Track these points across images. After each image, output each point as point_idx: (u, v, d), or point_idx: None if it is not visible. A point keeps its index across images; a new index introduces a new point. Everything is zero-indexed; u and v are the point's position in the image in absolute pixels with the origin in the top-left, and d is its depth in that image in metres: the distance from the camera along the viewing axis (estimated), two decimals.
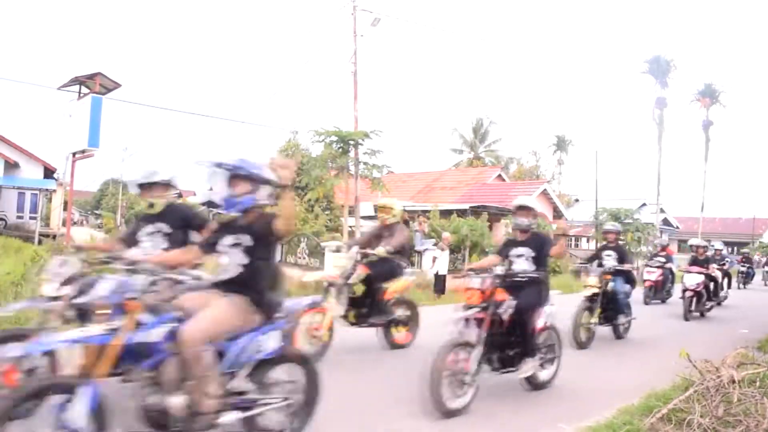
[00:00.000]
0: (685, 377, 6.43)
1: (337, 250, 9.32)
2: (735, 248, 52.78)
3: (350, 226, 18.08)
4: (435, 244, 17.43)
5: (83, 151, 10.16)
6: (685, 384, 6.32)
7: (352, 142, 16.85)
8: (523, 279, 6.22)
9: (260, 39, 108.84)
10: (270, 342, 3.98)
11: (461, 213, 22.22)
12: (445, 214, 22.92)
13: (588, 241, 37.70)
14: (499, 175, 35.66)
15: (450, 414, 5.25)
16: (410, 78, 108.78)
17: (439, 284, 15.10)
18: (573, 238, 36.89)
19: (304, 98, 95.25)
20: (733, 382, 5.49)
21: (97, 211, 52.19)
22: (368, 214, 23.67)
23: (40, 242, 20.83)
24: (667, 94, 42.33)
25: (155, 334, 3.51)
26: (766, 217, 59.81)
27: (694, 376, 6.18)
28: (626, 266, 10.19)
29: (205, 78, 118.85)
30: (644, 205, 41.16)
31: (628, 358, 9.00)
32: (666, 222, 43.89)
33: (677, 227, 46.96)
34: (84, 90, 10.86)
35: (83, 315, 3.64)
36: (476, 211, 22.87)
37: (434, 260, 15.42)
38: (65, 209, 12.05)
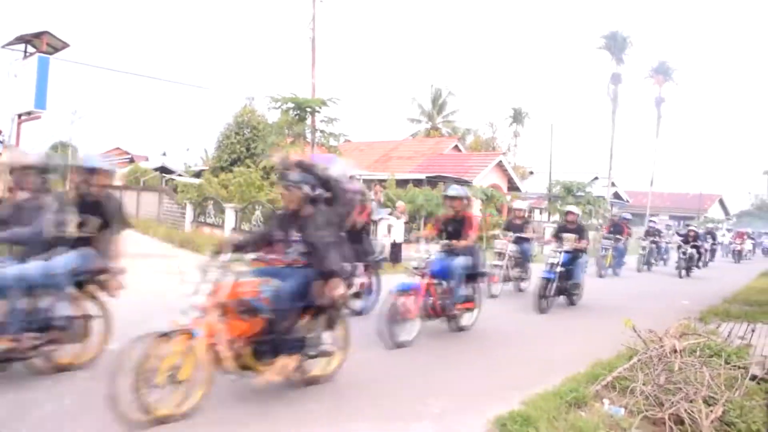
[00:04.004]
0: (629, 347, 6.64)
1: None
2: (681, 222, 54.24)
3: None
4: (390, 213, 17.48)
5: (29, 113, 9.79)
6: (629, 353, 6.52)
7: (309, 110, 16.69)
8: None
9: (218, 1, 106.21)
10: None
11: (417, 183, 22.32)
12: (402, 183, 22.98)
13: (541, 213, 38.31)
14: (456, 146, 35.76)
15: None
16: (369, 46, 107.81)
17: (395, 253, 15.19)
18: (527, 210, 37.39)
19: (261, 63, 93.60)
20: (675, 351, 5.69)
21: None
22: None
23: None
24: (623, 71, 43.00)
25: None
26: (712, 193, 61.58)
27: (638, 346, 6.38)
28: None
29: (159, 40, 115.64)
30: (596, 178, 41.92)
31: (576, 329, 9.23)
32: (617, 196, 44.78)
33: (627, 201, 47.98)
34: (30, 49, 10.42)
35: None
36: (432, 181, 22.98)
37: (389, 229, 15.49)
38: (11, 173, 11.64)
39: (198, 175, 27.77)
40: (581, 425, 4.67)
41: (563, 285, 10.51)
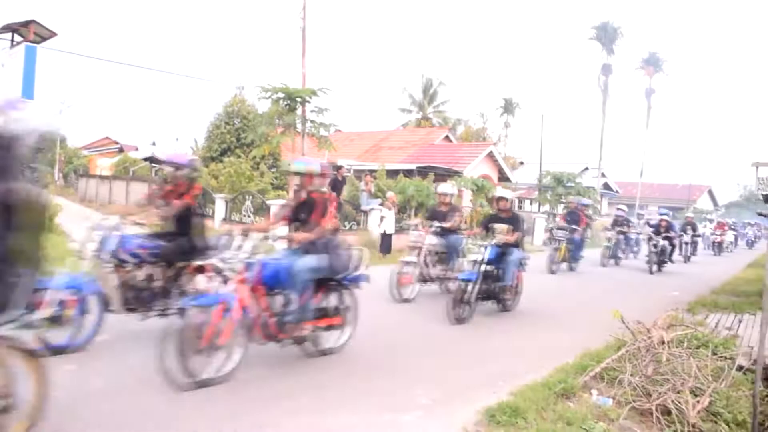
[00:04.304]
0: (618, 338, 6.70)
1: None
2: (671, 213, 54.19)
3: (296, 185, 17.95)
4: (381, 204, 17.48)
5: None
6: (618, 344, 6.58)
7: (299, 100, 16.63)
8: None
9: None
10: None
11: (408, 173, 22.31)
12: (392, 174, 22.96)
13: (531, 203, 38.42)
14: (447, 137, 35.72)
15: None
16: (361, 35, 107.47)
17: (386, 243, 15.19)
18: (517, 200, 37.47)
19: (251, 53, 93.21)
20: (663, 342, 5.75)
21: (33, 165, 50.24)
22: None
23: None
24: (613, 61, 43.04)
25: None
26: (702, 184, 61.90)
27: (626, 337, 6.44)
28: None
29: (148, 29, 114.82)
30: (586, 169, 42.06)
31: (565, 319, 9.26)
32: (606, 186, 44.91)
33: (617, 191, 48.17)
34: (17, 38, 10.34)
35: None
36: (423, 172, 22.97)
37: (382, 219, 15.49)
38: None
39: None
40: (569, 416, 4.71)
41: (490, 287, 8.65)
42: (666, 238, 16.68)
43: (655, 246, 16.35)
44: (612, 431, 4.66)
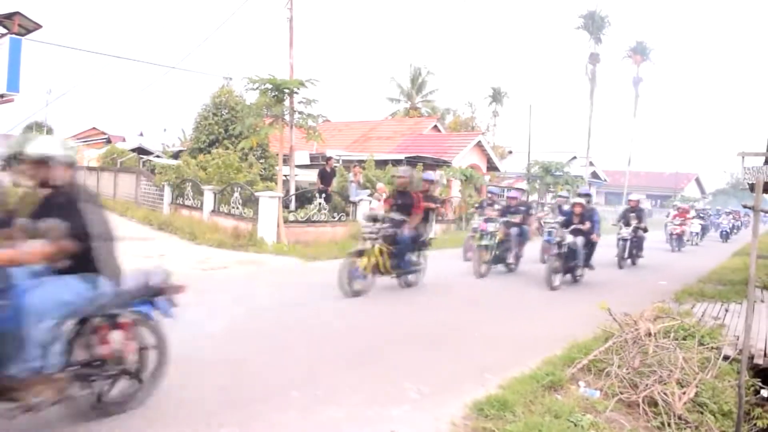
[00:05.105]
0: (605, 329, 6.75)
1: None
2: (659, 201, 54.82)
3: (285, 176, 17.90)
4: (370, 195, 17.47)
5: (2, 96, 9.65)
6: (605, 336, 6.63)
7: (287, 91, 16.52)
8: None
9: None
10: None
11: (397, 163, 22.26)
12: (381, 164, 22.93)
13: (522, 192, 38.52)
14: (435, 126, 35.71)
15: None
16: (348, 25, 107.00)
17: None
18: (505, 189, 37.56)
19: (239, 44, 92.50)
20: (650, 335, 5.80)
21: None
22: (303, 164, 23.50)
23: None
24: (601, 50, 43.21)
25: None
26: (689, 172, 62.34)
27: (614, 329, 6.49)
28: None
29: (136, 19, 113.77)
30: (575, 158, 42.26)
31: (551, 310, 9.28)
32: (595, 175, 45.15)
33: (605, 180, 48.43)
34: (1, 30, 10.24)
35: None
36: (412, 162, 22.92)
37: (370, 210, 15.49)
38: None
39: (176, 156, 27.47)
40: (557, 408, 4.74)
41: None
42: (576, 232, 11.33)
43: (559, 245, 11.06)
44: (599, 423, 4.69)
